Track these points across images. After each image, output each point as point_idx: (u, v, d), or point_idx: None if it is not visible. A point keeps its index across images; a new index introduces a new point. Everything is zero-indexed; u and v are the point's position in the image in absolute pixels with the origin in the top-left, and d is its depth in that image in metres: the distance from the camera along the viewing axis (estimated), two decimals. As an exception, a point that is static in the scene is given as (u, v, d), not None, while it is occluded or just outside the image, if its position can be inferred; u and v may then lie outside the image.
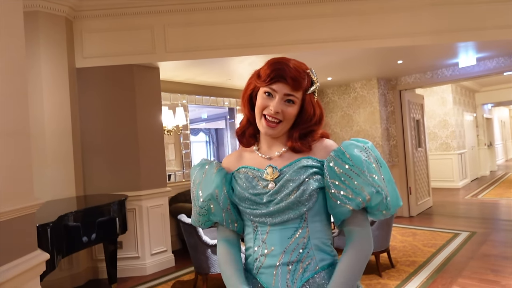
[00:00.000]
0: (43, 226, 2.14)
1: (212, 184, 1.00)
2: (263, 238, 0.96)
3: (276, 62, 0.97)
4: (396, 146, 6.00)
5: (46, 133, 3.40)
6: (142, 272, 3.79)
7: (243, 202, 0.98)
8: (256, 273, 0.97)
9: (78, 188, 3.61)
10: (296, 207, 0.92)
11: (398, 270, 3.49)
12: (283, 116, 0.96)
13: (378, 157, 0.95)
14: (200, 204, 1.01)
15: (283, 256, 0.92)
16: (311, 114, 1.00)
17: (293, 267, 0.92)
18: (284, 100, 0.96)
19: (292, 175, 0.94)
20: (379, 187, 0.89)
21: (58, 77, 3.54)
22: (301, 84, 0.96)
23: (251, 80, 1.04)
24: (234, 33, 3.82)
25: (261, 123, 0.98)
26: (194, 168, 1.09)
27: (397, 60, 4.74)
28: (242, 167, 1.03)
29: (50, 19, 3.50)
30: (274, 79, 0.95)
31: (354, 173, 0.90)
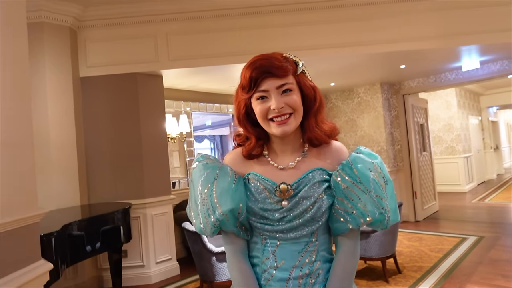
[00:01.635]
0: (47, 235, 2.14)
1: (234, 196, 0.90)
2: (273, 251, 0.93)
3: (251, 64, 0.90)
4: (400, 151, 5.96)
5: (50, 142, 3.43)
6: (147, 280, 3.78)
7: (253, 216, 0.93)
8: (264, 284, 0.94)
9: (82, 197, 3.62)
10: (310, 224, 0.91)
11: (405, 275, 3.44)
12: (290, 108, 0.89)
13: (385, 174, 0.93)
14: (218, 216, 0.89)
15: (294, 270, 0.91)
16: (313, 95, 0.94)
17: (303, 281, 0.91)
18: (281, 93, 0.89)
19: (307, 192, 0.90)
20: (383, 209, 0.89)
21: (63, 87, 3.57)
22: (286, 68, 0.90)
23: (237, 98, 0.96)
24: (237, 40, 3.85)
25: (271, 127, 0.90)
26: (200, 169, 0.96)
27: (400, 64, 4.73)
28: (251, 173, 0.96)
29: (55, 29, 3.54)
30: (259, 78, 0.88)
31: (360, 190, 0.88)
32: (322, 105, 0.96)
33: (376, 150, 5.93)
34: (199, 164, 0.97)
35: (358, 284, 3.33)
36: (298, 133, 0.97)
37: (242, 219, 0.92)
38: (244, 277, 0.94)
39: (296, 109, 0.90)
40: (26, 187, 1.54)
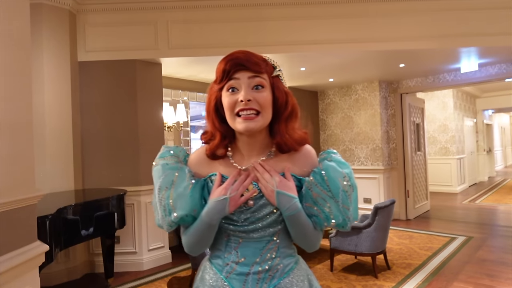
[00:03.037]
0: (42, 218, 2.15)
1: (188, 201, 0.91)
2: (235, 247, 0.95)
3: (228, 56, 0.89)
4: (395, 149, 6.01)
5: (46, 126, 3.41)
6: (139, 267, 3.80)
7: None
8: (226, 277, 0.96)
9: (77, 181, 3.62)
10: (273, 226, 0.93)
11: (394, 272, 3.50)
12: (258, 105, 0.87)
13: (353, 183, 0.95)
14: (172, 219, 0.91)
15: (254, 266, 0.94)
16: (284, 101, 0.92)
17: (262, 275, 0.94)
18: (252, 87, 0.87)
19: None
20: (346, 217, 0.92)
21: (60, 70, 3.54)
22: (262, 66, 0.89)
23: (210, 92, 0.95)
24: (237, 31, 3.83)
25: (236, 122, 0.88)
26: (159, 170, 0.95)
27: (399, 63, 4.75)
28: (214, 174, 0.95)
29: (54, 12, 3.50)
30: (232, 69, 0.87)
31: (329, 197, 0.91)
32: (294, 112, 0.95)
33: (371, 148, 5.98)
34: (158, 166, 0.96)
35: (348, 278, 3.38)
36: (266, 136, 0.95)
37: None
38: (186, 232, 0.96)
39: (264, 108, 0.88)
40: (25, 169, 1.54)
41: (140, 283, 3.45)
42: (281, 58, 4.21)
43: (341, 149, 6.46)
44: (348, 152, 6.35)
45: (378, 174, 5.89)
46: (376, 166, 5.92)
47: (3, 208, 1.38)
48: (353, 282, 3.29)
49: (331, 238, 3.56)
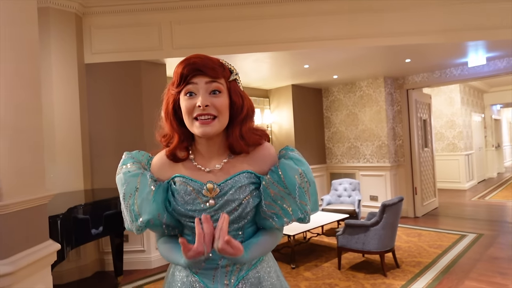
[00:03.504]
0: (53, 217, 2.18)
1: (152, 206, 0.94)
2: None
3: (185, 60, 0.91)
4: (402, 146, 5.97)
5: (55, 127, 3.45)
6: (147, 265, 3.84)
7: (183, 217, 0.96)
8: (195, 273, 0.99)
9: (86, 181, 3.66)
10: (236, 221, 0.97)
11: (403, 270, 3.49)
12: (215, 110, 0.90)
13: (310, 179, 0.98)
14: (139, 224, 0.94)
15: (222, 260, 0.97)
16: (240, 104, 0.96)
17: (230, 268, 0.98)
18: (209, 92, 0.90)
19: (233, 195, 0.94)
20: (305, 212, 0.97)
21: (68, 73, 3.58)
22: (219, 71, 0.91)
23: (168, 94, 0.97)
24: (240, 30, 3.84)
25: (194, 126, 0.91)
26: (121, 179, 0.98)
27: (405, 58, 4.71)
28: (178, 176, 0.98)
29: (61, 15, 3.54)
30: (190, 74, 0.89)
31: (287, 194, 0.94)
32: (249, 115, 0.98)
33: (377, 145, 5.95)
34: (120, 174, 1.00)
35: (356, 276, 3.38)
36: (224, 138, 0.98)
37: (166, 221, 0.96)
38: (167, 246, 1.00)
39: (221, 112, 0.91)
40: (35, 170, 1.57)
41: (149, 281, 3.49)
42: (285, 55, 4.21)
43: (346, 147, 6.45)
44: (353, 149, 6.33)
45: (384, 172, 5.87)
46: (382, 163, 5.89)
47: (15, 208, 1.41)
48: (361, 280, 3.29)
49: (338, 237, 3.56)
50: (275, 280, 1.04)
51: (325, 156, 6.80)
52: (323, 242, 4.54)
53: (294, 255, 3.74)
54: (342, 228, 3.56)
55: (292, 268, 3.64)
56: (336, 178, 6.31)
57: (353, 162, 6.34)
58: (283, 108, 6.35)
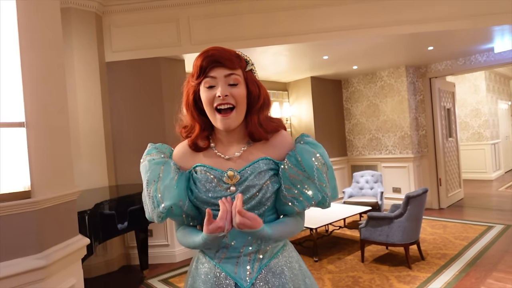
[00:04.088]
0: (81, 213, 2.25)
1: (174, 192, 0.97)
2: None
3: (204, 52, 0.95)
4: (425, 136, 5.82)
5: (80, 126, 3.54)
6: (171, 259, 3.91)
7: (205, 204, 0.99)
8: (218, 262, 1.01)
9: (110, 178, 3.75)
10: (257, 208, 0.99)
11: (428, 262, 3.42)
12: (234, 100, 0.95)
13: (327, 161, 1.02)
14: (161, 209, 0.97)
15: (244, 248, 0.99)
16: (257, 93, 1.00)
17: (252, 257, 1.00)
18: (228, 84, 0.95)
19: (253, 181, 0.97)
20: (325, 194, 1.00)
21: (90, 72, 3.66)
22: (235, 62, 0.96)
23: (187, 86, 1.02)
24: (258, 23, 3.81)
25: (216, 118, 0.96)
26: (145, 166, 1.02)
27: (427, 46, 4.57)
28: (199, 165, 1.01)
29: (81, 15, 3.61)
30: (209, 66, 0.94)
31: (305, 178, 0.97)
32: (266, 104, 1.02)
33: (399, 136, 5.82)
34: (145, 161, 1.04)
35: (380, 269, 3.33)
36: (243, 126, 1.02)
37: (186, 209, 0.99)
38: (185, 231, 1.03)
39: (239, 103, 0.95)
40: (64, 167, 1.62)
41: (174, 274, 3.55)
42: (303, 47, 4.15)
43: (367, 138, 6.33)
44: (374, 141, 6.22)
45: (407, 163, 5.74)
46: (405, 154, 5.76)
47: (46, 204, 1.46)
48: (385, 273, 3.24)
49: (361, 229, 3.51)
50: (297, 270, 1.05)
51: (346, 149, 6.71)
52: (345, 235, 4.50)
53: (317, 248, 3.72)
54: (365, 221, 3.51)
55: (315, 261, 3.62)
56: (357, 170, 6.22)
57: (375, 154, 6.23)
58: (302, 100, 6.29)
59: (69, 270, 1.58)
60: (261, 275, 0.99)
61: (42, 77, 1.53)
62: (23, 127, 1.42)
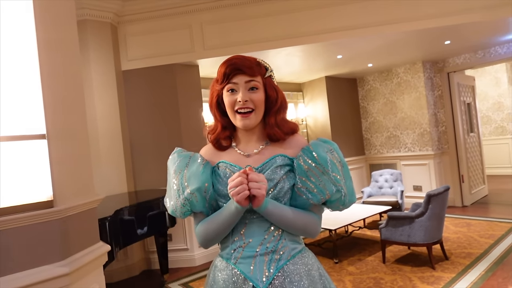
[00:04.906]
0: (102, 220, 2.30)
1: (200, 177, 1.03)
2: (241, 231, 1.03)
3: (227, 61, 1.04)
4: (445, 132, 5.67)
5: (98, 133, 3.63)
6: (191, 263, 3.95)
7: (223, 198, 1.04)
8: (234, 263, 1.02)
9: (129, 184, 3.82)
10: None
11: (452, 262, 3.32)
12: (253, 104, 1.03)
13: (341, 158, 1.07)
14: (186, 195, 1.03)
15: (261, 247, 1.01)
16: (275, 97, 1.08)
17: (269, 257, 1.01)
18: (248, 89, 1.03)
19: (270, 175, 1.02)
20: (339, 186, 1.02)
21: (107, 81, 3.75)
22: (255, 69, 1.04)
23: (212, 89, 1.10)
24: (270, 25, 3.81)
25: (236, 119, 1.04)
26: (174, 158, 1.11)
27: (444, 40, 4.46)
28: (221, 162, 1.08)
29: (97, 26, 3.71)
30: (231, 73, 1.03)
31: (320, 171, 1.01)
32: (282, 107, 1.10)
33: (418, 133, 5.70)
34: (174, 154, 1.12)
35: (402, 270, 3.26)
36: (262, 127, 1.10)
37: (209, 197, 1.04)
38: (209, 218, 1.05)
39: (257, 106, 1.04)
40: (85, 176, 1.66)
41: (194, 278, 3.59)
42: (317, 47, 4.13)
43: (385, 136, 6.23)
44: (393, 138, 6.10)
45: (427, 160, 5.60)
46: (425, 151, 5.63)
47: (68, 213, 1.50)
48: (408, 273, 3.17)
49: (381, 229, 3.45)
50: (317, 278, 1.04)
51: (363, 147, 6.61)
52: (365, 235, 4.43)
53: (337, 250, 3.68)
54: (385, 221, 3.45)
55: (335, 263, 3.58)
56: (376, 169, 6.12)
57: (394, 152, 6.11)
58: (317, 100, 6.25)
59: (92, 276, 1.61)
60: (277, 278, 0.99)
61: (61, 90, 1.58)
62: (45, 139, 1.46)
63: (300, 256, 1.05)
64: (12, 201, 1.38)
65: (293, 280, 1.00)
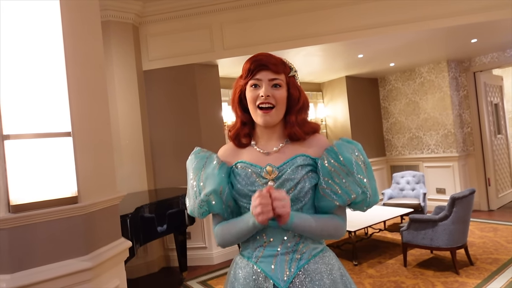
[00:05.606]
0: (123, 216, 2.35)
1: (215, 179, 1.03)
2: (262, 231, 1.03)
3: (253, 57, 1.05)
4: (471, 134, 5.48)
5: (120, 133, 3.71)
6: (209, 261, 3.97)
7: (243, 198, 1.03)
8: (256, 262, 1.03)
9: (149, 182, 3.89)
10: (295, 203, 1.00)
11: (478, 268, 3.21)
12: (274, 100, 1.02)
13: (365, 159, 1.04)
14: (202, 197, 1.03)
15: (281, 247, 1.01)
16: (297, 96, 1.07)
17: (290, 256, 1.01)
18: (271, 85, 1.03)
19: (290, 175, 1.01)
20: (365, 188, 1.00)
21: (128, 81, 3.83)
22: (281, 67, 1.05)
23: (236, 85, 1.11)
24: (290, 25, 3.79)
25: (257, 114, 1.04)
26: (192, 159, 1.11)
27: (470, 39, 4.31)
28: (240, 161, 1.08)
29: (120, 27, 3.79)
30: (256, 69, 1.03)
31: (344, 172, 0.99)
32: (304, 106, 1.09)
33: (442, 134, 5.54)
34: (192, 155, 1.12)
35: (424, 274, 3.18)
36: (282, 125, 1.09)
37: (226, 198, 1.04)
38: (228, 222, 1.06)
39: (279, 103, 1.03)
40: (107, 173, 1.70)
41: (212, 276, 3.61)
42: (337, 46, 4.07)
43: (407, 137, 6.08)
44: (415, 140, 5.95)
45: (451, 162, 5.43)
46: (449, 153, 5.46)
47: (92, 209, 1.54)
48: (430, 278, 3.08)
49: (402, 232, 3.37)
50: (338, 277, 1.03)
51: (384, 149, 6.48)
52: (386, 238, 4.34)
53: (356, 252, 3.62)
54: (407, 223, 3.37)
55: (355, 265, 3.52)
56: (397, 171, 5.99)
57: (416, 154, 5.96)
58: (337, 101, 6.17)
59: (113, 271, 1.65)
60: (298, 277, 0.99)
61: (86, 90, 1.62)
62: (70, 137, 1.50)
63: (321, 256, 1.04)
64: (39, 196, 1.42)
65: (314, 279, 1.00)
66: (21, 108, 1.42)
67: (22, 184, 1.40)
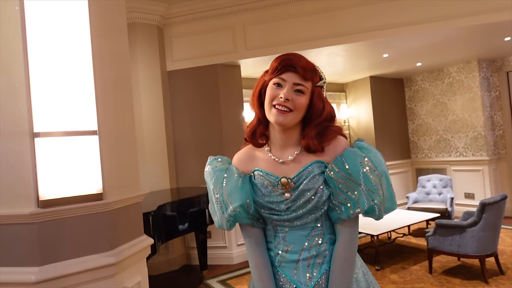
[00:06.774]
0: (146, 214, 2.39)
1: (241, 193, 1.00)
2: (283, 236, 1.03)
3: (284, 55, 1.00)
4: (503, 137, 5.24)
5: (144, 131, 3.80)
6: (229, 261, 3.99)
7: (261, 208, 1.02)
8: (278, 266, 1.04)
9: (171, 181, 3.95)
10: (313, 212, 0.99)
11: (509, 277, 3.05)
12: (293, 105, 0.96)
13: (380, 166, 0.97)
14: (230, 212, 1.00)
15: (303, 252, 1.01)
16: (320, 109, 1.00)
17: (312, 261, 1.01)
18: (294, 90, 0.97)
19: (308, 185, 0.97)
20: (373, 202, 0.95)
21: (153, 81, 3.91)
22: (310, 74, 0.98)
23: (260, 78, 1.06)
24: (313, 24, 3.75)
25: (271, 113, 0.98)
26: (210, 173, 1.07)
27: (504, 37, 4.11)
28: (256, 170, 1.05)
29: (145, 28, 3.88)
30: (284, 68, 0.97)
31: (353, 183, 0.95)
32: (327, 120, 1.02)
33: (471, 136, 5.32)
34: (209, 169, 1.09)
35: (451, 282, 3.06)
36: (299, 133, 1.03)
37: (252, 211, 1.02)
38: (257, 268, 1.04)
39: (298, 109, 0.97)
40: (131, 171, 1.74)
41: (231, 276, 3.62)
42: (361, 46, 3.99)
43: (434, 140, 5.88)
44: (442, 142, 5.75)
45: (481, 166, 5.21)
46: (479, 156, 5.24)
47: (116, 206, 1.57)
48: (457, 286, 2.97)
49: (428, 238, 3.26)
50: (360, 277, 1.04)
51: (410, 151, 6.30)
52: (410, 243, 4.21)
53: (379, 256, 3.53)
54: (433, 229, 3.25)
55: (377, 270, 3.44)
56: (423, 174, 5.81)
57: (443, 156, 5.76)
58: (361, 101, 6.06)
59: (136, 267, 1.68)
60: (321, 281, 1.00)
61: (112, 90, 1.66)
62: (96, 135, 1.54)
63: None
64: (66, 192, 1.47)
65: None
66: (50, 107, 1.47)
67: (50, 180, 1.45)
